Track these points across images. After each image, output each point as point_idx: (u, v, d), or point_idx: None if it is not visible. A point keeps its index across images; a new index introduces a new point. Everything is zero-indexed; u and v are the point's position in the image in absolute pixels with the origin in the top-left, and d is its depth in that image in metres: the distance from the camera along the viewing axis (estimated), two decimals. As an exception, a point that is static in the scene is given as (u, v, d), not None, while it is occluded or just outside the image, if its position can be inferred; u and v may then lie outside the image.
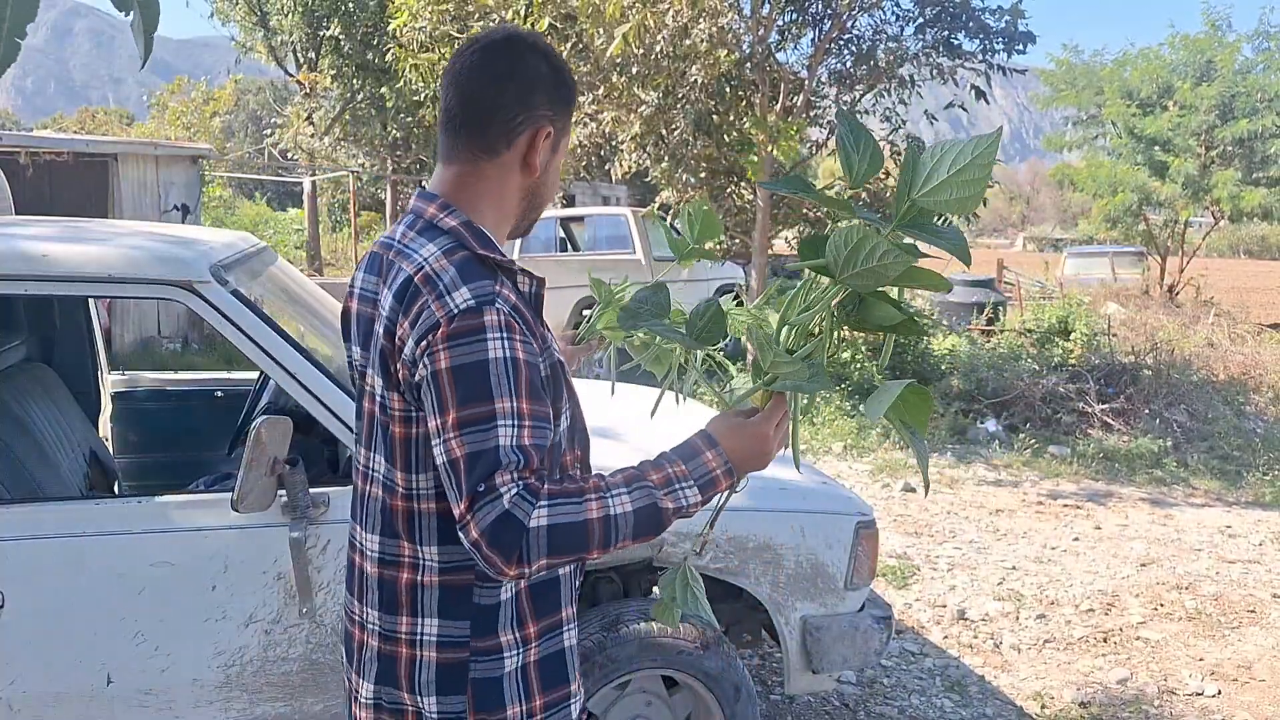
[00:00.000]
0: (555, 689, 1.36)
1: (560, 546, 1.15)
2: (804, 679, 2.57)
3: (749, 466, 1.27)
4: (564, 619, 1.38)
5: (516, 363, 1.18)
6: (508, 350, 1.18)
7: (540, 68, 1.32)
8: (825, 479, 2.81)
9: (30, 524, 2.04)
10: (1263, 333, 12.07)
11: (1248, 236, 49.21)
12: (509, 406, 1.17)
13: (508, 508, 1.12)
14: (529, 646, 1.33)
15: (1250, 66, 14.00)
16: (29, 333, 3.36)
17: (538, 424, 1.19)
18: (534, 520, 1.13)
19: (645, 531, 1.20)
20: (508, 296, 1.23)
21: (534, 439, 1.18)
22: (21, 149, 10.43)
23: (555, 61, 1.35)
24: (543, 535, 1.13)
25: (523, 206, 1.37)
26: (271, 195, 37.42)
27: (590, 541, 1.16)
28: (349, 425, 2.17)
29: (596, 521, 1.16)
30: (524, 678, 1.33)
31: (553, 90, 1.33)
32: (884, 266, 1.19)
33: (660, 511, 1.20)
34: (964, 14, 7.96)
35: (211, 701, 2.15)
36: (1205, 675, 3.73)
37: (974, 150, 1.17)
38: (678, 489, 1.21)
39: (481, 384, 1.17)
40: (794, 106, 8.14)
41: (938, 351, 9.08)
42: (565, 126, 1.37)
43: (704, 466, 1.23)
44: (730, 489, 1.29)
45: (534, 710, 1.34)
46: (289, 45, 19.47)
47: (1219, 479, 6.64)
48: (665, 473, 1.22)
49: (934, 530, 5.40)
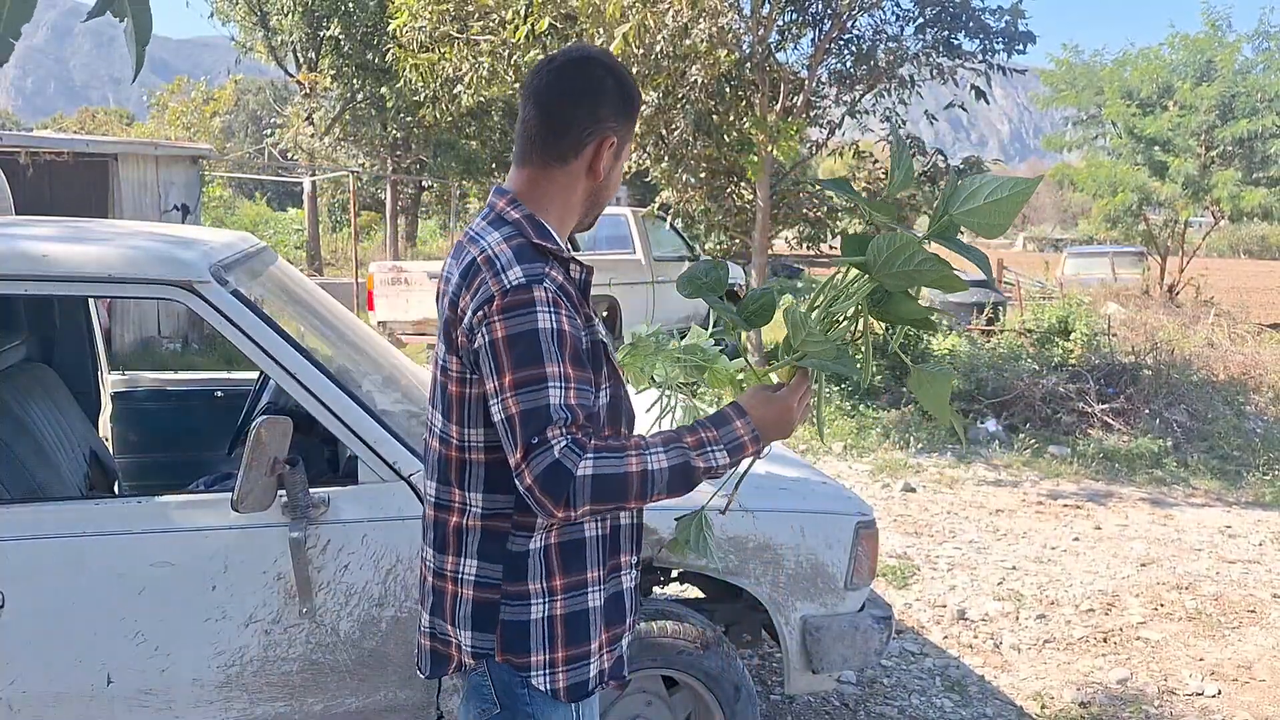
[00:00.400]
0: (577, 645, 1.49)
1: (602, 494, 1.31)
2: (804, 679, 2.57)
3: (773, 434, 1.43)
4: (589, 579, 1.50)
5: (562, 333, 1.36)
6: (554, 322, 1.35)
7: (607, 82, 1.49)
8: (825, 479, 2.81)
9: (30, 524, 2.04)
10: (1263, 333, 12.07)
11: (1248, 236, 49.20)
12: (557, 370, 1.34)
13: (558, 457, 1.29)
14: (555, 599, 1.47)
15: (1250, 66, 13.99)
16: (29, 333, 3.36)
17: (581, 387, 1.36)
18: (581, 469, 1.29)
19: (678, 487, 1.36)
20: (555, 277, 1.40)
21: (579, 399, 1.35)
22: (22, 149, 10.43)
23: (621, 76, 1.52)
24: (588, 483, 1.30)
25: (585, 206, 1.55)
26: (271, 195, 37.43)
27: (629, 492, 1.33)
28: (349, 425, 2.17)
29: (635, 475, 1.33)
30: (549, 628, 1.47)
31: (618, 103, 1.50)
32: (920, 271, 1.36)
33: (692, 470, 1.36)
34: (964, 14, 7.95)
35: (211, 701, 2.15)
36: (1205, 675, 3.73)
37: (1012, 187, 1.35)
38: (709, 450, 1.38)
39: (533, 350, 1.34)
40: (794, 106, 8.14)
41: (938, 351, 9.07)
42: (628, 134, 1.54)
43: (734, 433, 1.40)
44: (756, 454, 1.45)
45: (556, 662, 1.47)
46: (289, 45, 19.48)
47: (1219, 479, 6.64)
48: (699, 436, 1.39)
49: (934, 530, 5.40)
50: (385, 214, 22.61)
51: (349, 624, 2.19)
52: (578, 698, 1.51)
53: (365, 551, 2.17)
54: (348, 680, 2.22)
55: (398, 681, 2.25)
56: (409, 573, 2.19)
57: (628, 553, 1.58)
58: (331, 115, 19.82)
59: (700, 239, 10.62)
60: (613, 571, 1.55)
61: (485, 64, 7.88)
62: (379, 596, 2.19)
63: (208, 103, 28.72)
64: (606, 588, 1.54)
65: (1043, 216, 77.69)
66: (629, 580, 1.59)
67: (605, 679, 1.56)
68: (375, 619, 2.20)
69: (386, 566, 2.18)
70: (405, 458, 2.19)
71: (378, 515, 2.18)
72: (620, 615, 1.57)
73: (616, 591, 1.56)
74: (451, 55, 8.02)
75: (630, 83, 1.53)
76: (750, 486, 2.55)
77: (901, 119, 8.71)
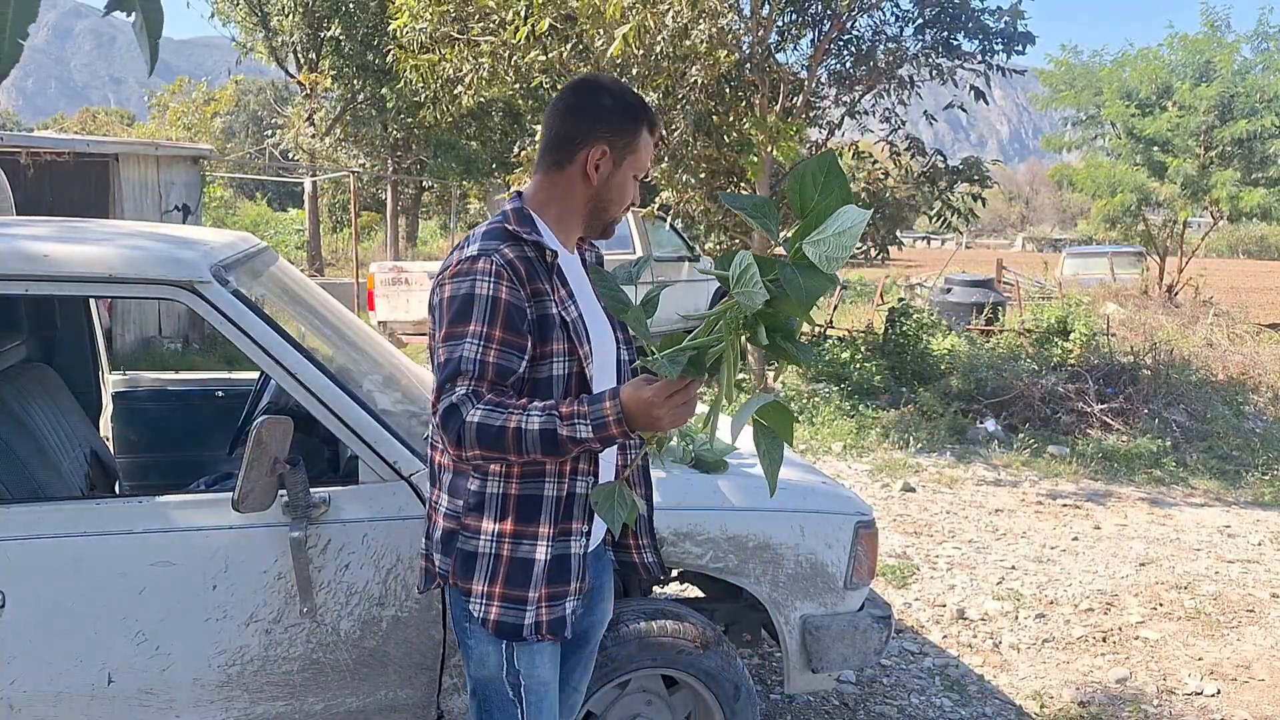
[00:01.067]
0: (515, 588, 1.68)
1: (485, 440, 1.51)
2: (804, 678, 2.57)
3: (640, 424, 1.50)
4: (539, 534, 1.68)
5: (496, 300, 1.57)
6: (491, 290, 1.57)
7: (603, 101, 1.70)
8: (825, 479, 2.81)
9: (31, 524, 2.05)
10: (1262, 333, 12.07)
11: (1247, 237, 49.24)
12: (480, 330, 1.56)
13: (455, 401, 1.53)
14: (503, 540, 1.68)
15: (1249, 67, 13.99)
16: (30, 333, 3.36)
17: (505, 349, 1.57)
18: (469, 416, 1.52)
19: (551, 450, 1.52)
20: (506, 253, 1.60)
21: (498, 359, 1.56)
22: (22, 149, 10.43)
23: (619, 96, 1.71)
24: (473, 429, 1.52)
25: (588, 209, 1.75)
26: (272, 196, 37.42)
27: (506, 443, 1.51)
28: (349, 425, 2.18)
29: (511, 430, 1.51)
30: (494, 565, 1.68)
31: (613, 119, 1.69)
32: (750, 294, 1.35)
33: (558, 437, 1.51)
34: (963, 14, 7.95)
35: (212, 701, 2.16)
36: (1204, 675, 3.73)
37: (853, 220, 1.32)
38: (575, 423, 1.51)
39: (465, 309, 1.57)
40: (794, 107, 8.14)
41: (937, 351, 9.08)
42: (628, 146, 1.71)
43: (600, 411, 1.51)
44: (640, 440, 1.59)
45: (493, 595, 1.68)
46: (290, 46, 19.47)
47: (1218, 479, 6.64)
48: (572, 409, 1.52)
49: (934, 530, 5.40)
50: (386, 214, 22.61)
51: (349, 623, 2.19)
52: (506, 635, 1.70)
53: (365, 551, 2.17)
54: (348, 680, 2.23)
55: (398, 681, 2.25)
56: (409, 572, 2.19)
57: (579, 520, 1.72)
58: (332, 116, 19.82)
59: (700, 239, 10.62)
60: (563, 534, 1.71)
61: (485, 65, 7.88)
62: (379, 596, 2.19)
63: (208, 103, 28.74)
64: (555, 547, 1.70)
65: (1042, 217, 77.72)
66: (578, 546, 1.73)
67: (542, 631, 1.71)
68: (376, 618, 2.20)
69: (387, 566, 2.18)
70: (405, 457, 2.19)
71: (378, 515, 2.18)
72: (565, 577, 1.72)
73: (564, 554, 1.71)
74: (452, 56, 8.02)
75: (631, 102, 1.71)
76: (750, 486, 2.58)
77: (900, 119, 8.70)
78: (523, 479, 1.68)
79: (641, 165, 1.75)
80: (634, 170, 1.74)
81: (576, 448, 1.53)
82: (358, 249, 15.69)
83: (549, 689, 1.78)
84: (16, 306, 3.29)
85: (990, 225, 72.63)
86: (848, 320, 12.08)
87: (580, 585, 1.75)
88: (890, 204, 8.62)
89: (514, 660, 1.73)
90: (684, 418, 1.50)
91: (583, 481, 1.71)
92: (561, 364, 1.65)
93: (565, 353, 1.65)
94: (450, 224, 25.29)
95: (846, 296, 15.47)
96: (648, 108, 1.75)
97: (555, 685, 1.81)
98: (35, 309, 3.39)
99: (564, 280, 1.70)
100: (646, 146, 1.75)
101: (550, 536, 1.69)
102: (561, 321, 1.65)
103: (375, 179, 23.79)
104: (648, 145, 1.75)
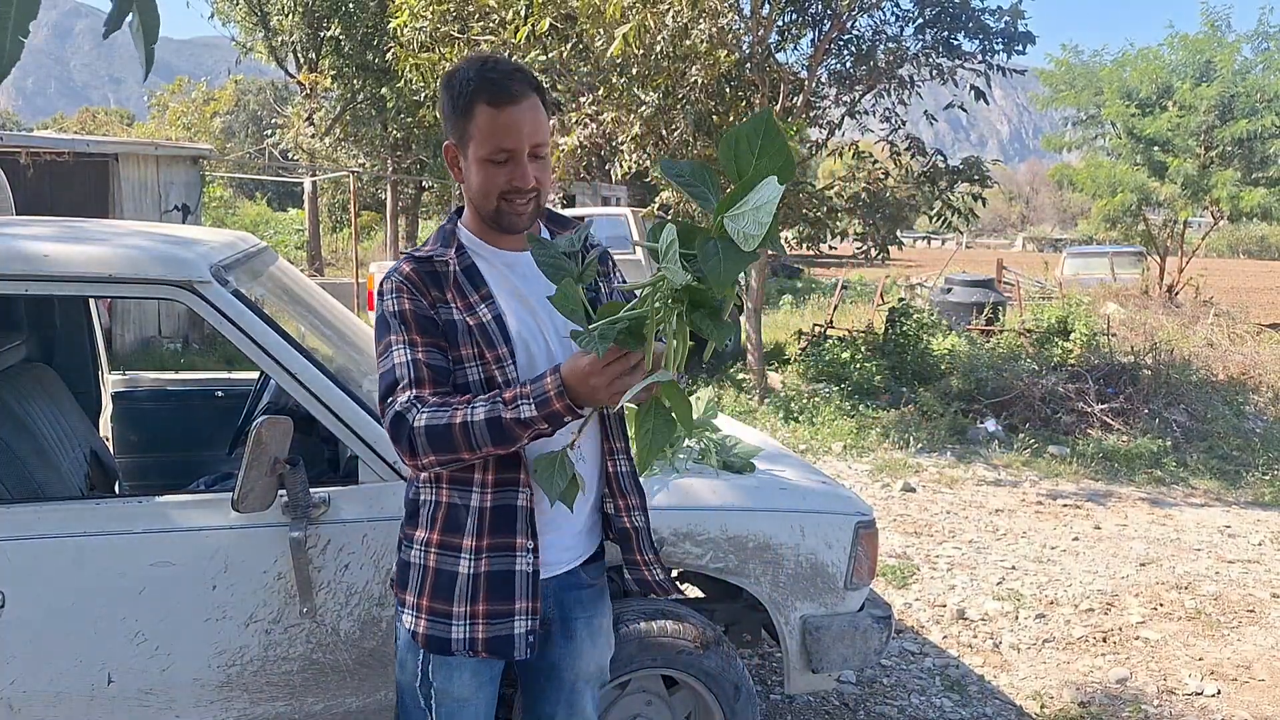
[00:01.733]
0: (440, 601, 1.65)
1: (436, 442, 1.51)
2: (804, 679, 2.57)
3: (581, 395, 1.46)
4: (462, 546, 1.64)
5: (403, 311, 1.61)
6: (396, 305, 1.62)
7: (442, 94, 1.64)
8: (825, 479, 2.81)
9: (31, 524, 2.05)
10: (1262, 333, 12.07)
11: (1247, 237, 49.25)
12: (402, 338, 1.60)
13: (400, 410, 1.54)
14: (429, 550, 1.66)
15: (1250, 67, 13.98)
16: (29, 333, 3.36)
17: (430, 349, 1.59)
18: (416, 421, 1.51)
19: (501, 439, 1.50)
20: (404, 269, 1.65)
21: (427, 359, 1.58)
22: (22, 149, 10.43)
23: (446, 86, 1.63)
24: (422, 433, 1.51)
25: (473, 205, 1.69)
26: (272, 195, 37.43)
27: (457, 441, 1.50)
28: (349, 425, 2.18)
29: (458, 425, 1.50)
30: (421, 575, 1.67)
31: (446, 108, 1.64)
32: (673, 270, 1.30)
33: (503, 421, 1.49)
34: (964, 14, 7.95)
35: (212, 701, 2.16)
36: (1205, 675, 3.73)
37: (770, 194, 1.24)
38: (519, 404, 1.49)
39: (383, 327, 1.63)
40: (794, 107, 8.14)
41: (938, 351, 9.09)
42: (466, 130, 1.60)
43: (542, 387, 1.48)
44: (571, 412, 1.49)
45: (420, 607, 1.66)
46: (289, 45, 19.48)
47: (1218, 479, 6.64)
48: (515, 392, 1.51)
49: (934, 530, 5.40)
50: (385, 214, 22.61)
51: (349, 624, 2.19)
52: (434, 650, 1.66)
53: (365, 551, 2.17)
54: (348, 680, 2.22)
55: (398, 681, 2.25)
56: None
57: (523, 535, 1.64)
58: (332, 115, 19.83)
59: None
60: (499, 550, 1.64)
61: (485, 64, 7.87)
62: (379, 596, 2.19)
63: (208, 103, 28.74)
64: (490, 561, 1.64)
65: (1042, 216, 77.73)
66: (524, 564, 1.64)
67: (476, 648, 1.64)
68: (375, 619, 2.20)
69: (387, 566, 2.18)
70: (405, 458, 2.19)
71: (378, 515, 2.18)
72: (506, 594, 1.64)
73: (504, 570, 1.64)
74: (452, 55, 8.02)
75: (454, 84, 1.60)
76: (750, 486, 2.58)
77: (900, 119, 8.70)
78: (450, 485, 1.64)
79: (489, 143, 1.58)
80: (481, 153, 1.58)
81: (525, 431, 1.49)
82: (357, 249, 15.68)
83: (465, 706, 1.72)
84: (16, 306, 3.29)
85: (990, 225, 72.63)
86: (848, 320, 12.08)
87: (532, 605, 1.65)
88: (890, 204, 8.61)
89: (429, 673, 1.69)
90: (622, 389, 1.44)
91: (522, 494, 1.64)
92: (475, 369, 1.62)
93: (475, 357, 1.62)
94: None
95: (847, 296, 15.46)
96: (485, 78, 1.57)
97: (479, 704, 1.74)
98: (35, 309, 3.39)
99: (478, 283, 1.65)
100: (488, 120, 1.57)
101: (475, 550, 1.63)
102: (466, 327, 1.62)
103: (375, 179, 23.79)
104: (490, 118, 1.56)
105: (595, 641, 1.83)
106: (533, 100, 1.59)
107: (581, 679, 1.83)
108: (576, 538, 1.76)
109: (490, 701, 1.76)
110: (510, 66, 1.60)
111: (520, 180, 1.59)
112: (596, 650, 1.84)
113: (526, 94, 1.58)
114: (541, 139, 1.61)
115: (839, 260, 25.19)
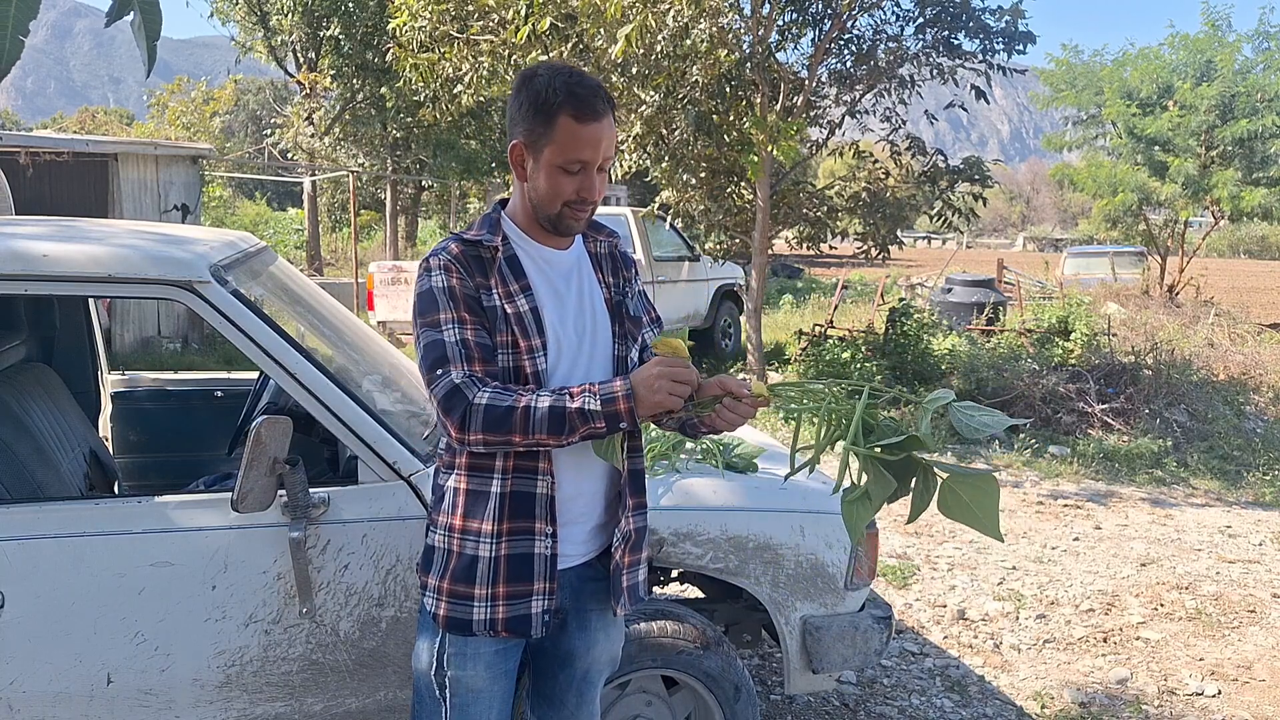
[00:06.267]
0: (462, 584, 1.71)
1: (491, 422, 1.57)
2: (804, 679, 2.57)
3: (642, 393, 1.57)
4: (482, 531, 1.70)
5: (452, 289, 1.66)
6: (444, 281, 1.66)
7: (520, 94, 1.68)
8: (825, 479, 2.81)
9: (30, 524, 2.04)
10: (1263, 333, 12.07)
11: (1248, 236, 49.25)
12: (450, 315, 1.64)
13: (459, 384, 1.58)
14: (452, 535, 1.72)
15: (1250, 66, 13.97)
16: (29, 333, 3.36)
17: (478, 328, 1.65)
18: (476, 399, 1.57)
19: (557, 429, 1.57)
20: (452, 249, 1.69)
21: (476, 336, 1.64)
22: (21, 149, 10.42)
23: (526, 84, 1.68)
24: (480, 410, 1.57)
25: (531, 206, 1.73)
26: (271, 195, 37.44)
27: (514, 424, 1.56)
28: (349, 425, 2.17)
29: (520, 409, 1.57)
30: (444, 559, 1.73)
31: (525, 110, 1.67)
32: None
33: (567, 410, 1.56)
34: (964, 14, 7.95)
35: (212, 701, 2.15)
36: (1205, 675, 3.73)
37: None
38: (585, 396, 1.57)
39: (430, 302, 1.66)
40: (794, 106, 8.14)
41: (938, 351, 9.08)
42: (544, 136, 1.65)
43: (610, 388, 1.58)
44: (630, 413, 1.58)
45: (441, 590, 1.73)
46: (289, 45, 19.46)
47: (1219, 479, 6.64)
48: (583, 388, 1.59)
49: (934, 530, 5.40)
50: (385, 214, 22.60)
51: (349, 624, 2.19)
52: (454, 630, 1.72)
53: (365, 551, 2.17)
54: (348, 680, 2.22)
55: (398, 681, 2.25)
56: (409, 573, 2.19)
57: (543, 520, 1.71)
58: (331, 115, 19.81)
59: (700, 239, 10.61)
60: (519, 533, 1.71)
61: (485, 64, 7.87)
62: (379, 596, 2.19)
63: (208, 103, 28.73)
64: (510, 545, 1.70)
65: (1043, 216, 77.72)
66: (543, 547, 1.71)
67: (496, 628, 1.71)
68: (375, 619, 2.20)
69: (386, 566, 2.18)
70: (405, 458, 2.18)
71: (378, 515, 2.18)
72: (525, 575, 1.71)
73: (524, 554, 1.71)
74: (451, 55, 8.02)
75: (537, 90, 1.65)
76: (750, 486, 2.57)
77: (901, 118, 8.70)
78: (470, 472, 1.70)
79: (566, 153, 1.64)
80: (557, 160, 1.65)
81: (584, 425, 1.57)
82: (357, 248, 15.68)
83: (479, 698, 1.74)
84: (16, 306, 3.29)
85: (991, 225, 72.63)
86: (848, 320, 12.08)
87: (549, 586, 1.72)
88: (891, 203, 8.61)
89: (444, 662, 1.73)
90: (678, 393, 1.56)
91: (543, 481, 1.69)
92: (506, 356, 1.67)
93: (509, 345, 1.67)
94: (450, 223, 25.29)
95: (847, 296, 15.45)
96: (573, 92, 1.63)
97: (493, 697, 1.76)
98: (35, 309, 3.38)
99: (519, 273, 1.71)
100: (569, 132, 1.63)
101: (494, 534, 1.69)
102: (504, 314, 1.67)
103: (375, 178, 23.78)
104: (571, 131, 1.63)
105: (609, 632, 1.92)
106: (610, 119, 1.69)
107: (594, 668, 1.92)
108: (593, 532, 1.82)
109: (505, 699, 1.80)
110: (594, 83, 1.69)
111: (587, 192, 1.69)
112: (610, 641, 1.93)
113: (607, 112, 1.68)
114: (610, 154, 1.71)
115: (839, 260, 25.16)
